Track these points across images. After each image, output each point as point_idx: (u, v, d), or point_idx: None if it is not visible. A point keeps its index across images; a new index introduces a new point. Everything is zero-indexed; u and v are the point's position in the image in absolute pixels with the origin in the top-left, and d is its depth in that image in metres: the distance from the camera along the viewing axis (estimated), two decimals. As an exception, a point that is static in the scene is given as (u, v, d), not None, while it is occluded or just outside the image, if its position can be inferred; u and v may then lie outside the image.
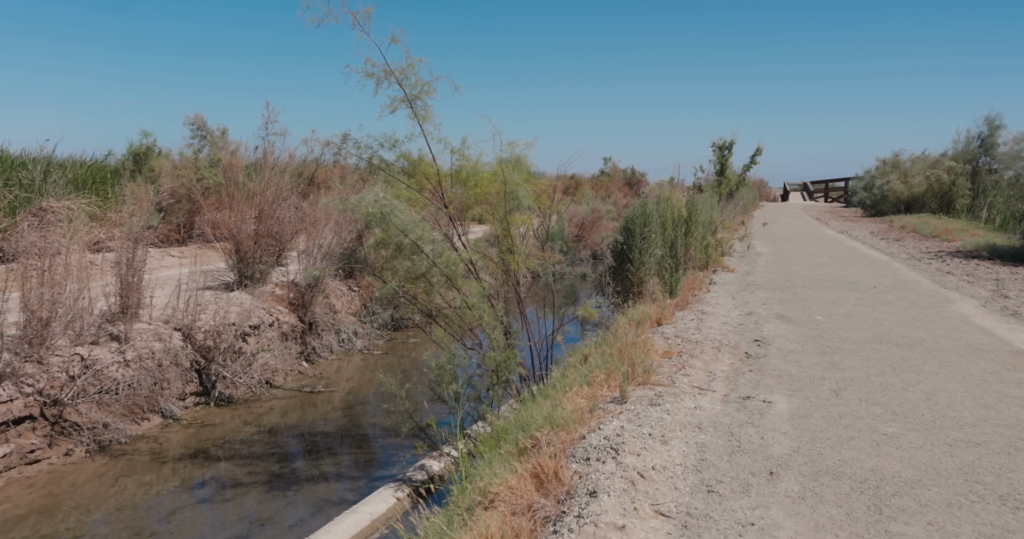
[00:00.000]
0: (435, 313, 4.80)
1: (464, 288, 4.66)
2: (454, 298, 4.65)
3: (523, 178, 5.24)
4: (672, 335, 5.50)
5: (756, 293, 7.66)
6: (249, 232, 7.73)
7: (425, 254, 4.54)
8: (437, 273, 4.58)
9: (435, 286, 4.75)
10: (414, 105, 4.71)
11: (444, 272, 4.61)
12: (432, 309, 4.88)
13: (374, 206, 4.28)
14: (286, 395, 6.59)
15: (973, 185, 21.30)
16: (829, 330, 5.67)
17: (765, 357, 4.77)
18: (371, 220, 4.35)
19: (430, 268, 4.56)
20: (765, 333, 5.57)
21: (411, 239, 4.50)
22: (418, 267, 4.54)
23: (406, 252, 4.56)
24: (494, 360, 4.39)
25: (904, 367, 4.45)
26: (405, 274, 4.72)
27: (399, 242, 4.52)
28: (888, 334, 5.49)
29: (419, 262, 4.54)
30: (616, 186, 33.40)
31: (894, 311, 6.53)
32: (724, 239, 11.70)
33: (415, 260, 4.53)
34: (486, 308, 4.53)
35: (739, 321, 6.15)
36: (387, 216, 4.30)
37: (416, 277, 4.66)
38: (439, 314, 4.79)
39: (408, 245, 4.51)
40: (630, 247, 7.37)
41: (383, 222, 4.35)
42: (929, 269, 10.01)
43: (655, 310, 6.24)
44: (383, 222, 4.35)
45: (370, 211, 4.29)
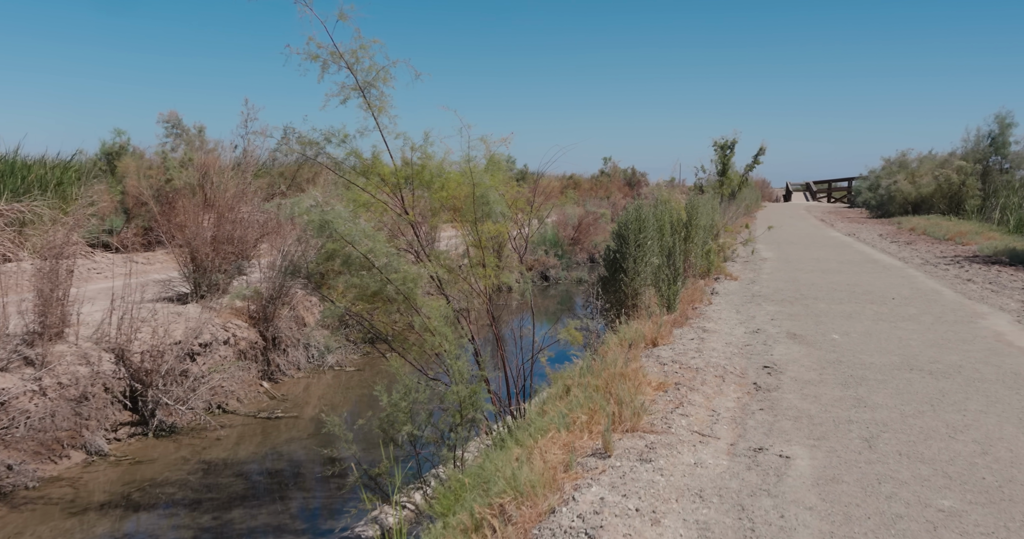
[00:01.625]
0: (391, 337, 4.10)
1: (425, 308, 3.97)
2: (413, 320, 3.96)
3: (498, 180, 4.54)
4: (669, 359, 4.80)
5: (763, 306, 6.96)
6: (206, 238, 7.04)
7: (377, 269, 3.84)
8: (392, 291, 3.88)
9: (392, 305, 4.05)
10: (367, 94, 4.02)
11: (400, 290, 3.91)
12: (388, 333, 4.18)
13: (313, 212, 3.59)
14: (240, 422, 5.89)
15: (984, 185, 20.58)
16: (848, 353, 4.96)
17: (778, 390, 4.07)
18: (311, 229, 3.66)
19: (383, 286, 3.87)
20: (776, 357, 4.86)
21: (360, 251, 3.80)
22: (369, 284, 3.84)
23: (355, 267, 3.87)
24: (457, 396, 3.70)
25: (944, 404, 3.74)
26: (358, 292, 4.03)
27: (346, 255, 3.83)
28: (917, 358, 4.78)
29: (369, 279, 3.84)
30: (616, 186, 32.72)
31: (919, 328, 5.83)
32: (726, 244, 11.00)
33: (364, 276, 3.84)
34: (448, 333, 3.84)
35: (745, 340, 5.45)
36: (329, 224, 3.61)
37: (370, 296, 3.97)
38: (396, 338, 4.09)
39: (357, 258, 3.82)
40: (623, 255, 6.66)
41: (324, 231, 3.66)
42: (947, 276, 9.31)
43: (650, 328, 5.54)
44: (324, 231, 3.66)
45: (309, 218, 3.60)
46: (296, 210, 3.58)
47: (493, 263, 4.35)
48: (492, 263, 4.34)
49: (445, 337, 3.85)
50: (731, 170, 21.00)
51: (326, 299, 4.10)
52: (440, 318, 3.93)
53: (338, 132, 3.99)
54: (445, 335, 3.85)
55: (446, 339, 3.80)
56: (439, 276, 4.29)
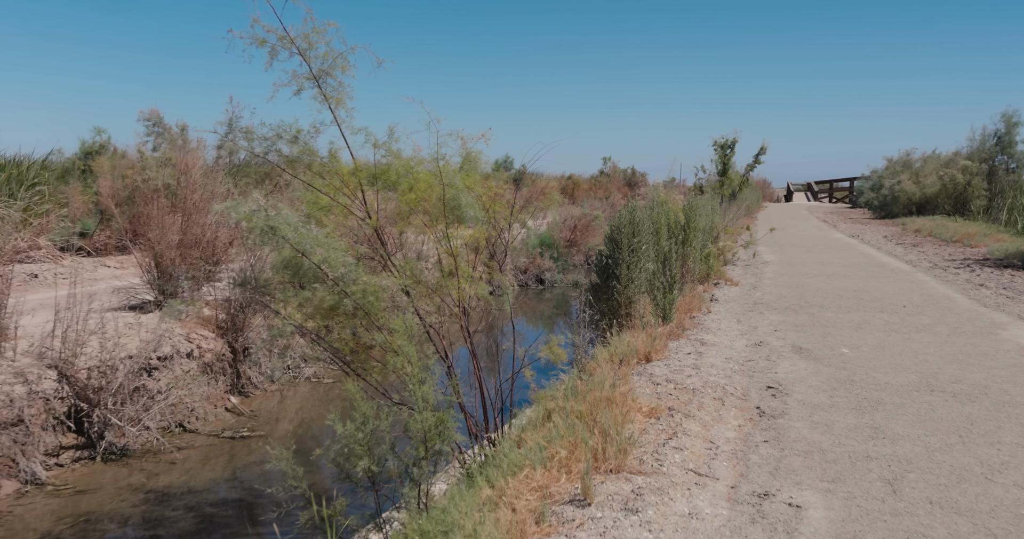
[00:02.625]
0: (350, 358, 3.66)
1: (390, 324, 3.52)
2: (374, 337, 3.52)
3: (473, 180, 4.10)
4: (663, 378, 4.35)
5: (765, 314, 6.51)
6: (171, 242, 6.59)
7: (332, 281, 3.40)
8: (350, 305, 3.44)
9: (353, 321, 3.61)
10: (322, 84, 3.57)
11: (360, 304, 3.46)
12: (349, 351, 3.74)
13: (256, 217, 3.15)
14: (202, 442, 5.44)
15: (990, 185, 20.13)
16: (861, 370, 4.51)
17: (784, 416, 3.62)
18: (254, 236, 3.22)
19: (340, 300, 3.42)
20: (780, 375, 4.42)
21: (313, 261, 3.36)
22: (323, 298, 3.40)
23: (308, 278, 3.43)
24: (422, 426, 3.25)
25: (974, 435, 3.30)
26: (315, 307, 3.58)
27: (297, 265, 3.38)
28: (937, 377, 4.34)
29: (324, 292, 3.40)
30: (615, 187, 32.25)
31: (935, 340, 5.38)
32: (726, 247, 10.55)
33: (318, 289, 3.39)
34: (412, 353, 3.40)
35: (747, 355, 5.00)
36: (275, 231, 3.17)
37: (327, 311, 3.53)
38: (357, 358, 3.65)
39: (309, 269, 3.37)
40: (616, 261, 6.22)
41: (269, 239, 3.21)
42: (958, 281, 8.86)
43: (644, 341, 5.09)
44: (269, 239, 3.21)
45: (251, 224, 3.16)
46: (236, 214, 3.13)
47: (467, 273, 3.91)
48: (466, 273, 3.90)
49: (409, 358, 3.40)
50: (731, 170, 20.55)
51: (278, 315, 3.65)
52: (404, 336, 3.48)
53: (289, 127, 3.55)
54: (409, 355, 3.40)
55: (410, 360, 3.35)
56: (407, 288, 3.85)
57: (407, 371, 3.28)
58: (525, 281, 14.94)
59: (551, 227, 16.31)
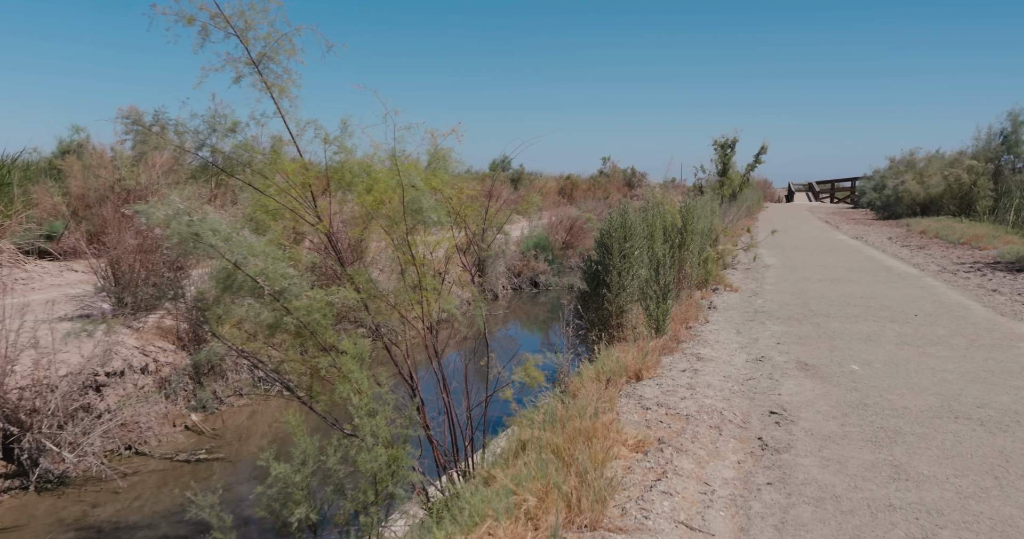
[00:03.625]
0: (295, 382, 3.22)
1: (341, 345, 3.07)
2: (318, 361, 3.07)
3: (442, 181, 3.65)
4: (653, 401, 3.90)
5: (767, 325, 6.06)
6: (129, 246, 6.14)
7: (271, 296, 2.95)
8: (292, 324, 2.99)
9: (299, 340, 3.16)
10: (263, 69, 3.12)
11: (305, 322, 3.02)
12: (295, 375, 3.29)
13: (177, 222, 2.70)
14: (153, 467, 4.99)
15: (996, 185, 19.65)
16: (874, 391, 4.06)
17: (790, 449, 3.16)
18: (173, 243, 2.77)
19: (280, 318, 2.98)
20: (785, 397, 3.96)
21: (248, 273, 2.91)
22: (261, 316, 2.95)
23: (243, 293, 2.98)
24: (372, 465, 2.81)
25: (1013, 476, 2.84)
26: (254, 326, 3.14)
27: (229, 278, 2.94)
28: (960, 400, 3.88)
29: (261, 309, 2.95)
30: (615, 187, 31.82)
31: (953, 355, 4.93)
32: (726, 251, 10.09)
33: (254, 306, 2.94)
34: (362, 379, 2.95)
35: (747, 373, 4.55)
36: (199, 239, 2.72)
37: (268, 330, 3.08)
38: (301, 384, 3.20)
39: (244, 283, 2.92)
40: (606, 268, 5.77)
41: (194, 246, 2.77)
42: (969, 286, 8.40)
43: (634, 356, 4.64)
44: (194, 246, 2.77)
45: (171, 231, 2.71)
46: (151, 219, 2.68)
47: (432, 285, 3.46)
48: (431, 285, 3.45)
49: (358, 385, 2.95)
50: (732, 170, 20.08)
51: (215, 335, 3.20)
52: (354, 359, 3.03)
53: (224, 118, 3.10)
54: (358, 382, 2.95)
55: (358, 388, 2.90)
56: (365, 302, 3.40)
57: (354, 402, 2.83)
58: (519, 284, 14.49)
59: (545, 229, 15.86)
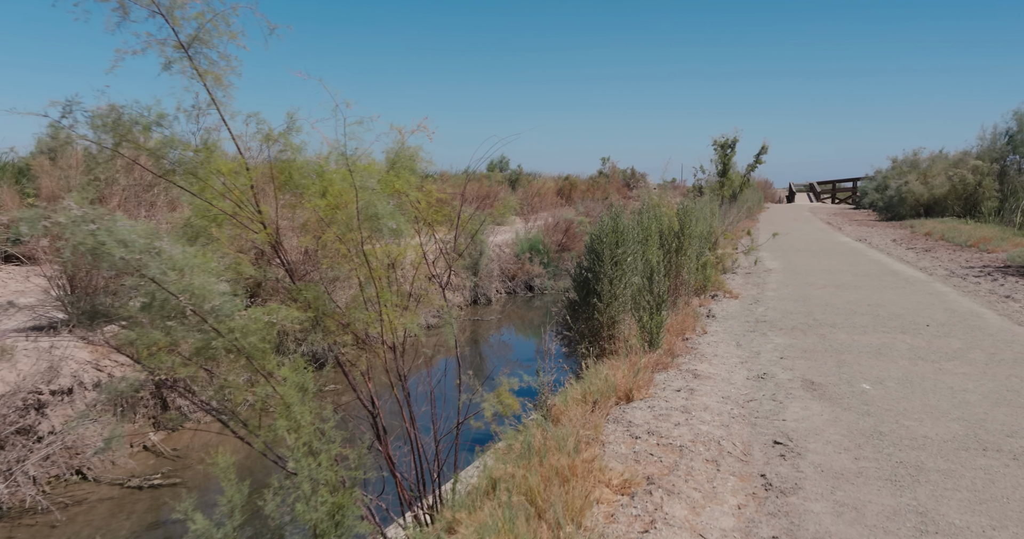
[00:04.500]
0: (227, 417, 2.82)
1: (280, 372, 2.68)
2: (254, 391, 2.68)
3: (407, 183, 3.25)
4: (643, 430, 3.49)
5: (769, 336, 5.65)
6: (88, 254, 5.73)
7: (199, 316, 2.55)
8: (223, 348, 2.60)
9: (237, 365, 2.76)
10: (194, 54, 2.72)
11: (241, 347, 2.62)
12: (238, 403, 2.89)
13: (78, 231, 2.31)
14: (101, 494, 4.58)
15: (1001, 186, 19.26)
16: (889, 416, 3.66)
17: (797, 491, 2.76)
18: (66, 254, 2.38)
19: (208, 341, 2.58)
20: (790, 424, 3.56)
21: (170, 291, 2.51)
22: (184, 339, 2.56)
23: (166, 312, 2.58)
24: (312, 516, 2.41)
25: (1056, 527, 2.44)
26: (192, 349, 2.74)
27: (148, 296, 2.54)
28: (986, 426, 3.48)
29: (183, 331, 2.55)
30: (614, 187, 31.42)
31: (972, 372, 4.52)
32: (725, 255, 9.69)
33: (174, 328, 2.55)
34: (305, 412, 2.56)
35: (748, 392, 4.14)
36: (103, 250, 2.32)
37: (196, 354, 2.68)
38: (234, 420, 2.81)
39: (165, 301, 2.53)
40: (597, 275, 5.36)
41: (100, 258, 2.37)
42: (980, 292, 8.00)
43: (624, 374, 4.24)
44: (100, 258, 2.37)
45: (70, 240, 2.32)
46: (32, 228, 2.27)
47: (392, 301, 3.06)
48: (390, 300, 3.04)
49: (298, 419, 2.55)
50: (732, 170, 19.68)
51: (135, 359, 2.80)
52: (296, 388, 2.63)
53: (148, 110, 2.70)
54: (298, 416, 2.55)
55: (297, 424, 2.50)
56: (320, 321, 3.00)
57: (290, 442, 2.43)
58: (513, 288, 14.10)
59: (541, 231, 15.47)
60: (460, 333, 10.65)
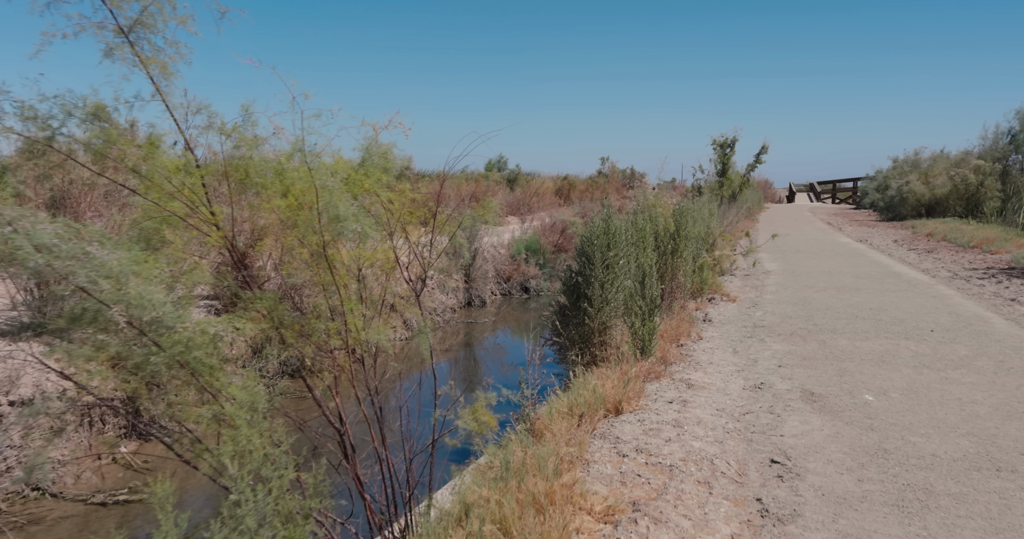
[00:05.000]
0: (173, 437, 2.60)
1: (230, 390, 2.45)
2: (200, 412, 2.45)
3: (377, 182, 3.02)
4: (632, 447, 3.26)
5: (767, 342, 5.42)
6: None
7: (135, 328, 2.33)
8: (163, 364, 2.37)
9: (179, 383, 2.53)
10: (136, 41, 2.49)
11: (185, 362, 2.39)
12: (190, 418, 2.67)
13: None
14: (60, 512, 4.35)
15: (1004, 186, 19.01)
16: (894, 431, 3.43)
17: (796, 519, 2.53)
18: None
19: (147, 356, 2.35)
20: (788, 440, 3.33)
21: (103, 301, 2.28)
22: (117, 354, 2.33)
23: (100, 325, 2.36)
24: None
25: (1082, 563, 2.21)
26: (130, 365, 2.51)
27: (78, 307, 2.32)
28: (998, 443, 3.25)
29: (119, 346, 2.32)
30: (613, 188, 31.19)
31: (980, 381, 4.29)
32: (723, 256, 9.46)
33: (109, 341, 2.32)
34: (253, 437, 2.33)
35: (744, 404, 3.91)
36: (18, 255, 2.09)
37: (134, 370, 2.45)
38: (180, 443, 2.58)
39: (98, 313, 2.30)
40: (587, 279, 5.13)
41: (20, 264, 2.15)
42: (985, 295, 7.77)
43: (614, 385, 4.01)
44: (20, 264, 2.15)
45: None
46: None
47: (358, 309, 2.83)
48: (355, 309, 2.81)
49: (250, 440, 2.32)
50: (731, 170, 19.46)
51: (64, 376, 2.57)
52: (247, 408, 2.40)
53: (83, 100, 2.47)
54: (247, 440, 2.31)
55: (243, 449, 2.27)
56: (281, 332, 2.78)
57: (231, 471, 2.20)
58: (508, 290, 13.88)
59: (536, 232, 15.24)
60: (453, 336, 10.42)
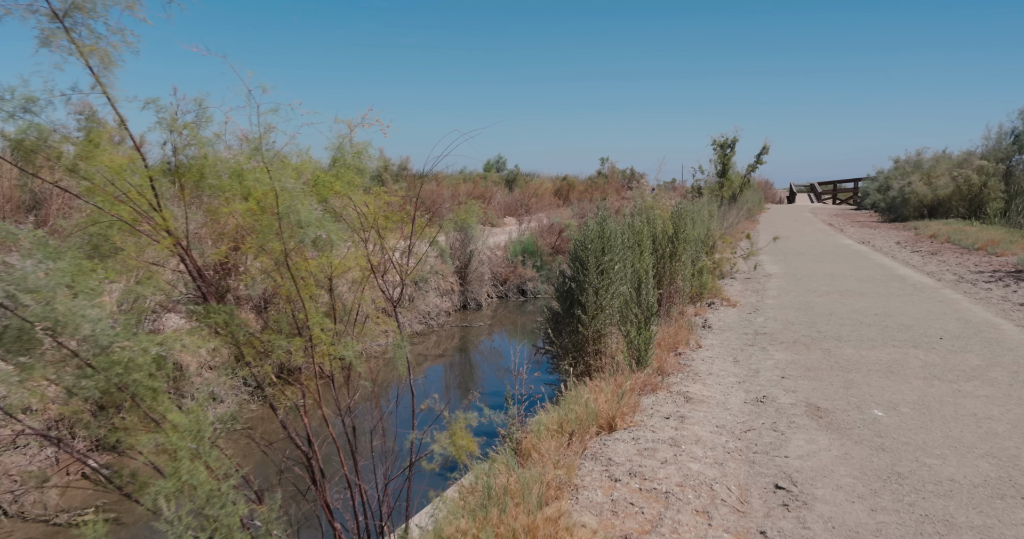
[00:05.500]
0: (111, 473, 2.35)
1: (171, 417, 2.21)
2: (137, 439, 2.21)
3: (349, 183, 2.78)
4: (625, 470, 3.02)
5: (769, 351, 5.18)
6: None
7: (64, 349, 2.08)
8: (96, 389, 2.13)
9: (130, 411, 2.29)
10: (71, 28, 2.25)
11: (124, 385, 2.15)
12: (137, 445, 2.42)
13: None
14: (23, 533, 4.11)
15: (1007, 187, 18.77)
16: (907, 452, 3.18)
17: (804, 556, 2.29)
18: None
19: (76, 381, 2.11)
20: (794, 462, 3.08)
21: (26, 316, 2.04)
22: (43, 376, 2.09)
23: (25, 344, 2.12)
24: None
25: None
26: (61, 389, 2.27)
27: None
28: (1020, 465, 3.00)
29: (39, 369, 2.08)
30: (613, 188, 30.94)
31: (995, 394, 4.05)
32: (723, 259, 9.21)
33: (29, 365, 2.08)
34: (198, 471, 2.09)
35: (746, 419, 3.67)
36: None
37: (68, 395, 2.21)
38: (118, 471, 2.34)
39: (22, 331, 2.06)
40: (580, 285, 4.88)
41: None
42: (993, 299, 7.52)
43: (607, 399, 3.76)
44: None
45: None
46: None
47: (323, 324, 2.58)
48: (320, 323, 2.57)
49: (195, 475, 2.08)
50: (732, 171, 19.22)
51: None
52: (192, 435, 2.16)
53: (10, 92, 2.23)
54: (194, 472, 2.07)
55: (185, 484, 2.03)
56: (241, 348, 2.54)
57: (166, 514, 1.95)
58: (504, 292, 13.63)
59: (533, 233, 15.00)
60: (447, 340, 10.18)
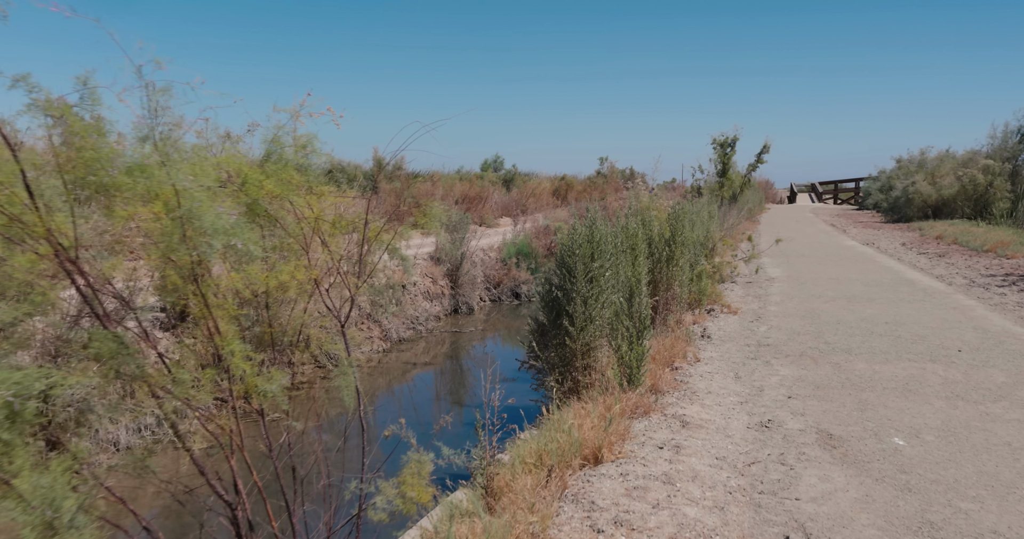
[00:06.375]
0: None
1: (16, 483, 1.78)
2: None
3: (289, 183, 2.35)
4: (610, 517, 2.58)
5: (773, 365, 4.74)
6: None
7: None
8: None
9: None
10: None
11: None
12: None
13: None
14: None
15: (1013, 186, 18.34)
16: (937, 492, 2.75)
17: None
18: None
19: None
20: (807, 507, 2.65)
21: None
22: None
23: None
24: None
25: None
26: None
27: None
28: (1071, 513, 2.57)
29: None
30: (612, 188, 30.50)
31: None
32: (723, 263, 8.77)
33: None
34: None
35: (749, 451, 3.23)
36: None
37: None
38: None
39: None
40: (568, 294, 4.45)
41: None
42: (1009, 304, 7.10)
43: (594, 425, 3.33)
44: None
45: None
46: None
47: (238, 350, 2.15)
48: (236, 350, 2.14)
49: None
50: (732, 170, 18.79)
51: None
52: (44, 506, 1.72)
53: None
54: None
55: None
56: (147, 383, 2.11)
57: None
58: (498, 296, 13.21)
59: (528, 235, 14.57)
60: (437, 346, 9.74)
